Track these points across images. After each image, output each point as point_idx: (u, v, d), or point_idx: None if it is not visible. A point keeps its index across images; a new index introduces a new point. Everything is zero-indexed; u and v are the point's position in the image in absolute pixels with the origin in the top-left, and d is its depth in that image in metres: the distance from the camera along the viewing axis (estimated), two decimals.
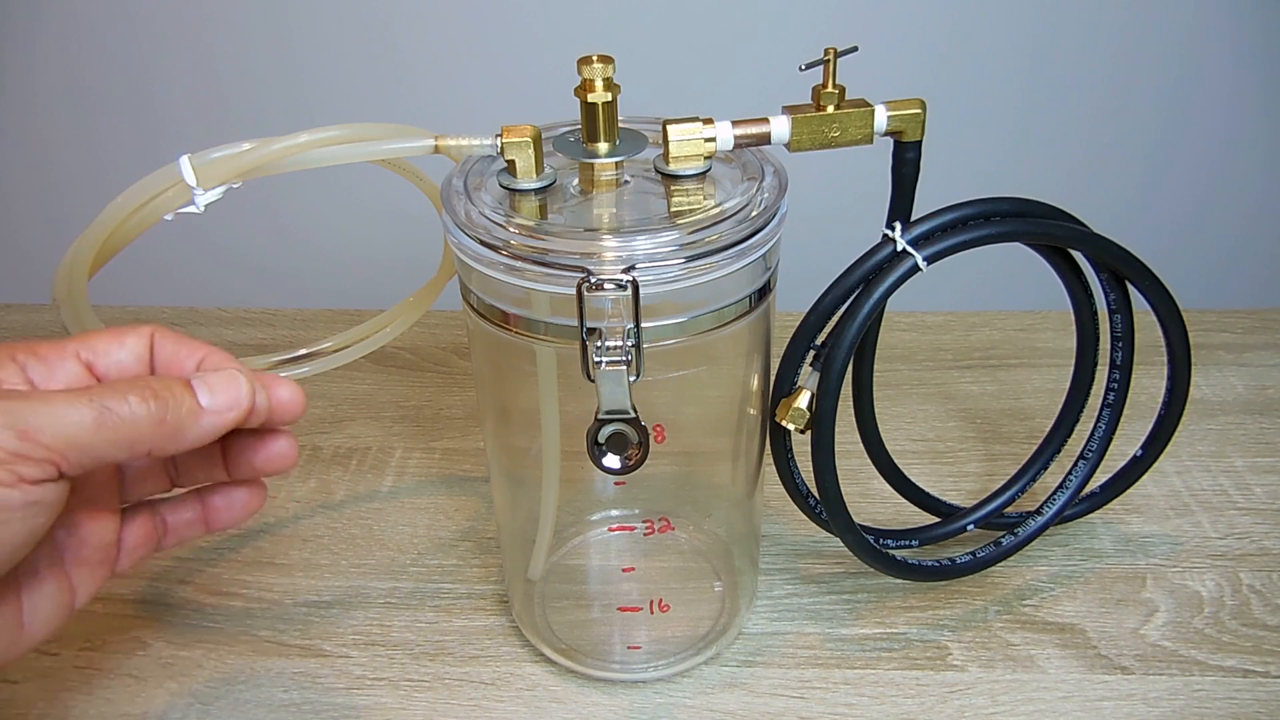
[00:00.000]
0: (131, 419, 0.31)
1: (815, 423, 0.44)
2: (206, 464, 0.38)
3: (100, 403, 0.30)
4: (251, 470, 0.38)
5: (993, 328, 0.75)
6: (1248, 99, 0.78)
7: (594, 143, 0.41)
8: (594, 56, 0.39)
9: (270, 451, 0.37)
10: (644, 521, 0.51)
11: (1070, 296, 0.48)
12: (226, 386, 0.34)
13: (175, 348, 0.36)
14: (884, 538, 0.51)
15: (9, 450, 0.29)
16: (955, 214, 0.42)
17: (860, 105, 0.40)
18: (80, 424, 0.30)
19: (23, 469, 0.29)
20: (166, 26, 0.77)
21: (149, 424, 0.31)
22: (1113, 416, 0.50)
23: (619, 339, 0.36)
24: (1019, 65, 0.77)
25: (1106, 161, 0.81)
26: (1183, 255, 0.79)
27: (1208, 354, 0.71)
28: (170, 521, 0.38)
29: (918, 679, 0.47)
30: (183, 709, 0.46)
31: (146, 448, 0.32)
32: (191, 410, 0.33)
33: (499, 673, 0.48)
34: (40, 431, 0.29)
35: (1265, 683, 0.46)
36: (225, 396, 0.34)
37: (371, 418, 0.66)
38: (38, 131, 0.82)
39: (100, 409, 0.30)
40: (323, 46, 0.77)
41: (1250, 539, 0.55)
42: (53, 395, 0.30)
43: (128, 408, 0.31)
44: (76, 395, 0.31)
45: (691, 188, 0.40)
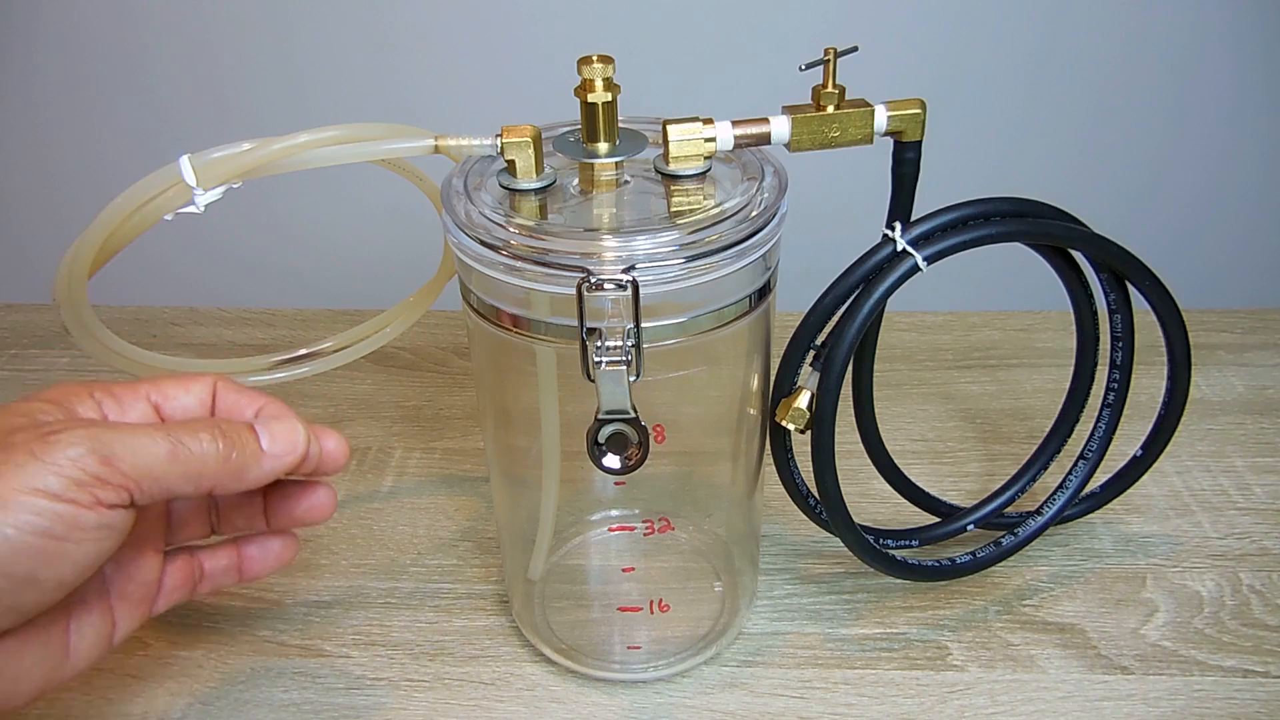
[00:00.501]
0: (202, 455, 0.34)
1: (815, 423, 0.44)
2: (248, 511, 0.41)
3: (175, 438, 0.33)
4: (290, 519, 0.40)
5: (993, 328, 0.75)
6: (1248, 99, 0.78)
7: (594, 143, 0.41)
8: (594, 56, 0.39)
9: (311, 501, 0.40)
10: (644, 521, 0.51)
11: (1070, 296, 0.48)
12: (286, 433, 0.37)
13: (236, 396, 0.39)
14: (884, 538, 0.51)
15: (91, 474, 0.31)
16: (955, 214, 0.42)
17: (860, 105, 0.40)
18: (157, 456, 0.32)
19: (101, 492, 0.31)
20: (166, 26, 0.77)
21: (216, 462, 0.34)
22: (1113, 416, 0.50)
23: (619, 339, 0.36)
24: (1019, 65, 0.77)
25: (1106, 161, 0.81)
26: (1183, 255, 0.79)
27: (1208, 354, 0.71)
28: (207, 568, 0.40)
29: (918, 679, 0.47)
30: (183, 709, 0.46)
31: (211, 484, 0.34)
32: (254, 453, 0.35)
33: (499, 673, 0.48)
34: (120, 459, 0.31)
35: (1265, 683, 0.46)
36: (284, 442, 0.36)
37: (371, 418, 0.66)
38: (38, 131, 0.82)
39: (175, 443, 0.33)
40: (323, 46, 0.77)
41: (1250, 539, 0.55)
42: (134, 427, 0.33)
43: (199, 444, 0.34)
44: (154, 429, 0.33)
45: (691, 188, 0.40)
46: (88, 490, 0.31)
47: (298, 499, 0.40)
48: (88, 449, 0.31)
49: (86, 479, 0.31)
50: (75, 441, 0.31)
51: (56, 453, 0.31)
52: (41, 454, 0.30)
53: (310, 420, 0.38)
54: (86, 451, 0.31)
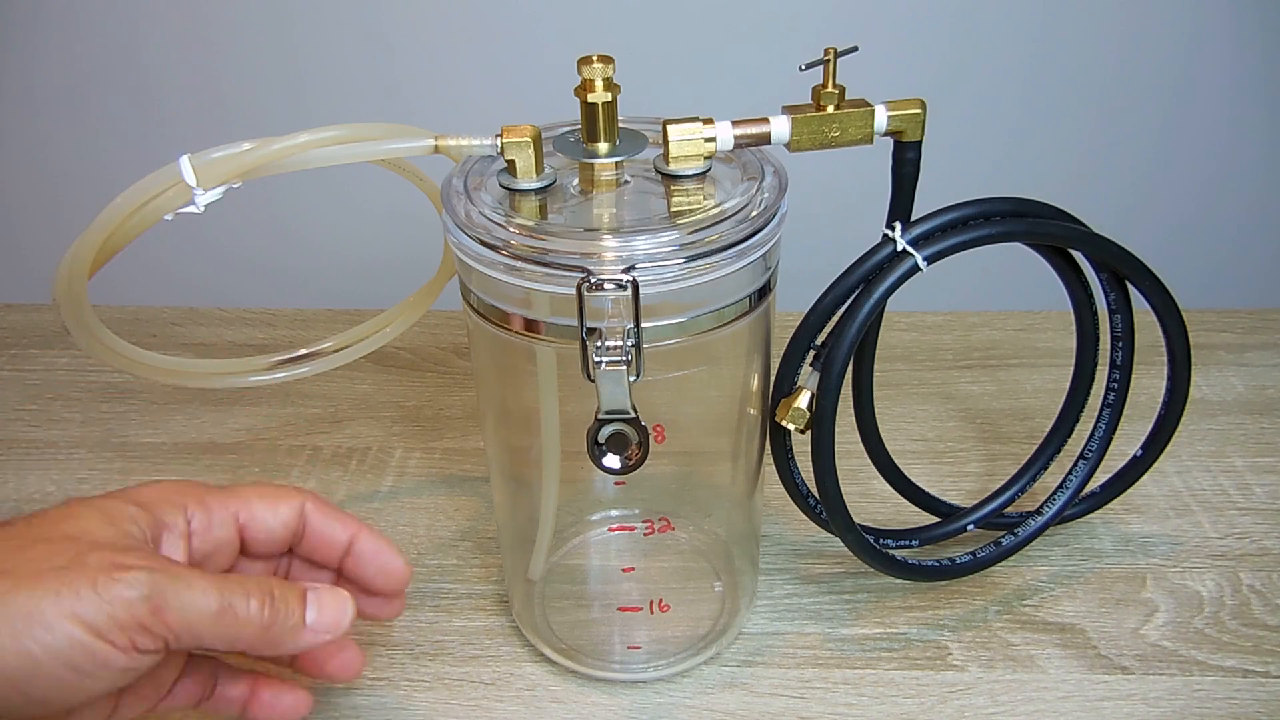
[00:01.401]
0: (245, 620, 0.34)
1: (815, 423, 0.44)
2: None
3: (227, 599, 0.33)
4: (317, 669, 0.40)
5: (993, 328, 0.75)
6: (1248, 99, 0.78)
7: (594, 143, 0.41)
8: (594, 56, 0.39)
9: (342, 659, 0.40)
10: (644, 521, 0.51)
11: (1070, 296, 0.48)
12: (334, 610, 0.36)
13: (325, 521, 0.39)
14: (884, 538, 0.51)
15: (138, 620, 0.31)
16: (955, 214, 0.42)
17: (860, 105, 0.40)
18: (204, 614, 0.33)
19: (139, 639, 0.31)
20: (167, 26, 0.77)
21: (256, 629, 0.34)
22: (1113, 416, 0.50)
23: (619, 339, 0.36)
24: (1019, 65, 0.77)
25: (1106, 161, 0.81)
26: (1183, 255, 0.79)
27: (1208, 354, 0.71)
28: (219, 691, 0.40)
29: (918, 679, 0.47)
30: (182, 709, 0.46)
31: (245, 647, 0.35)
32: (296, 627, 0.35)
33: (499, 673, 0.48)
34: (169, 611, 0.32)
35: (1265, 683, 0.46)
36: (329, 618, 0.36)
37: (371, 418, 0.66)
38: (38, 131, 0.82)
39: (225, 605, 0.33)
40: (323, 46, 0.77)
41: (1250, 539, 0.55)
42: (192, 578, 0.33)
43: (247, 609, 0.34)
44: (209, 584, 0.33)
45: (691, 188, 0.40)
46: (128, 635, 0.31)
47: (331, 653, 0.40)
48: (144, 594, 0.31)
49: (131, 624, 0.31)
50: (137, 584, 0.31)
51: (117, 593, 0.31)
52: (104, 590, 0.31)
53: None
54: (142, 598, 0.31)
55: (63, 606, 0.30)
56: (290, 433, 0.65)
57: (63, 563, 0.31)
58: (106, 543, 0.33)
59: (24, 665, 0.30)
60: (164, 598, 0.32)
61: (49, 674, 0.30)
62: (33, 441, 0.64)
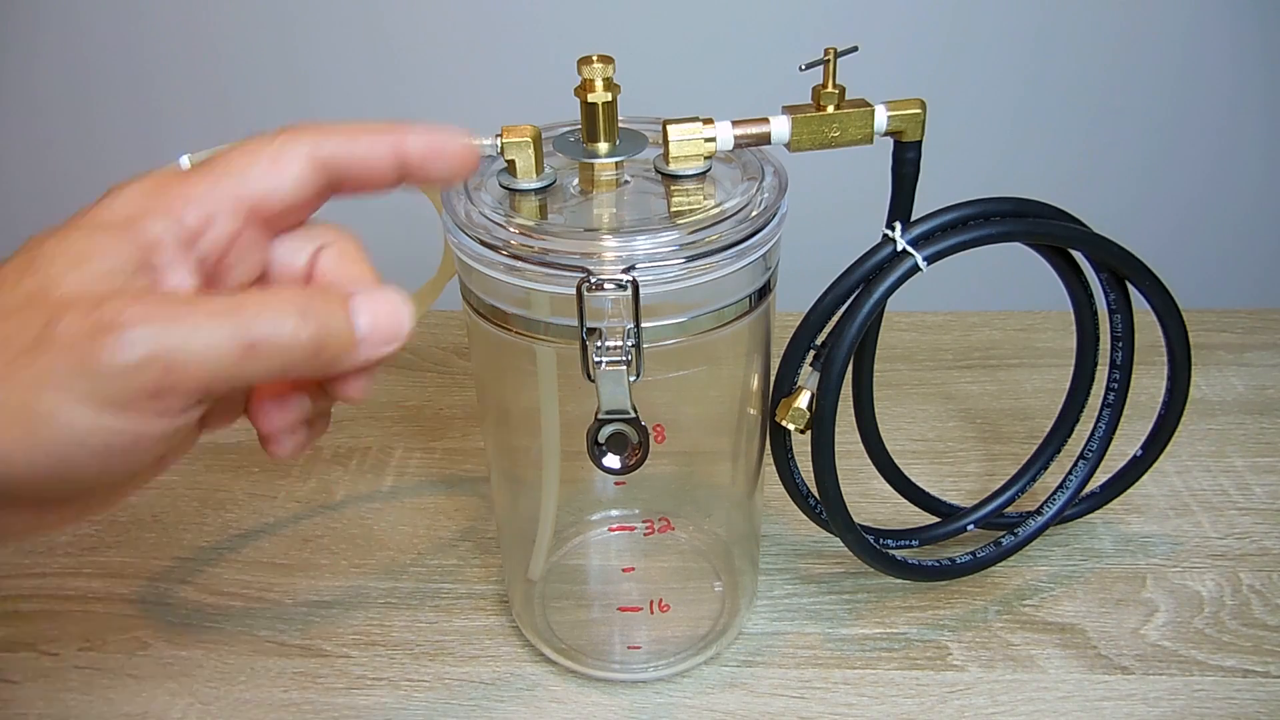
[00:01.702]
0: (281, 349, 0.27)
1: (815, 423, 0.44)
2: None
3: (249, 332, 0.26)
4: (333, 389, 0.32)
5: (993, 328, 0.75)
6: (1248, 99, 0.78)
7: (594, 143, 0.41)
8: (594, 56, 0.39)
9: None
10: (644, 521, 0.51)
11: (1070, 296, 0.48)
12: (389, 312, 0.30)
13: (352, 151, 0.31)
14: (884, 538, 0.51)
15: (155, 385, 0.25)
16: (955, 214, 0.42)
17: (860, 105, 0.40)
18: (228, 357, 0.26)
19: (167, 403, 0.26)
20: (167, 26, 0.77)
21: (300, 356, 0.27)
22: (1113, 416, 0.50)
23: (619, 339, 0.36)
24: (1019, 65, 0.77)
25: (1106, 161, 0.81)
26: (1183, 255, 0.79)
27: (1208, 354, 0.71)
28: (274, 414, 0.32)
29: (918, 679, 0.47)
30: (183, 709, 0.46)
31: (295, 375, 0.28)
32: (347, 342, 0.29)
33: (499, 673, 0.48)
34: (185, 366, 0.26)
35: (1265, 683, 0.46)
36: (386, 324, 0.29)
37: (371, 418, 0.66)
38: (38, 131, 0.82)
39: (248, 341, 0.26)
40: (323, 46, 0.77)
41: (1250, 539, 0.55)
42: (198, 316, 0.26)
43: (278, 336, 0.27)
44: (222, 318, 0.26)
45: (691, 188, 0.40)
46: (151, 402, 0.26)
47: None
48: (147, 355, 0.25)
49: (148, 391, 0.25)
50: (131, 346, 0.25)
51: (111, 363, 0.25)
52: (93, 363, 0.25)
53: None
54: (147, 360, 0.25)
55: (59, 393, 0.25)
56: None
57: (30, 341, 0.25)
58: (76, 296, 0.26)
59: (51, 460, 0.25)
60: (172, 354, 0.25)
61: (86, 461, 0.26)
62: None
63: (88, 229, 0.27)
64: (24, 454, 0.25)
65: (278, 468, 0.62)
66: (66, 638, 0.50)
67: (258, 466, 0.62)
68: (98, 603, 0.52)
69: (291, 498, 0.60)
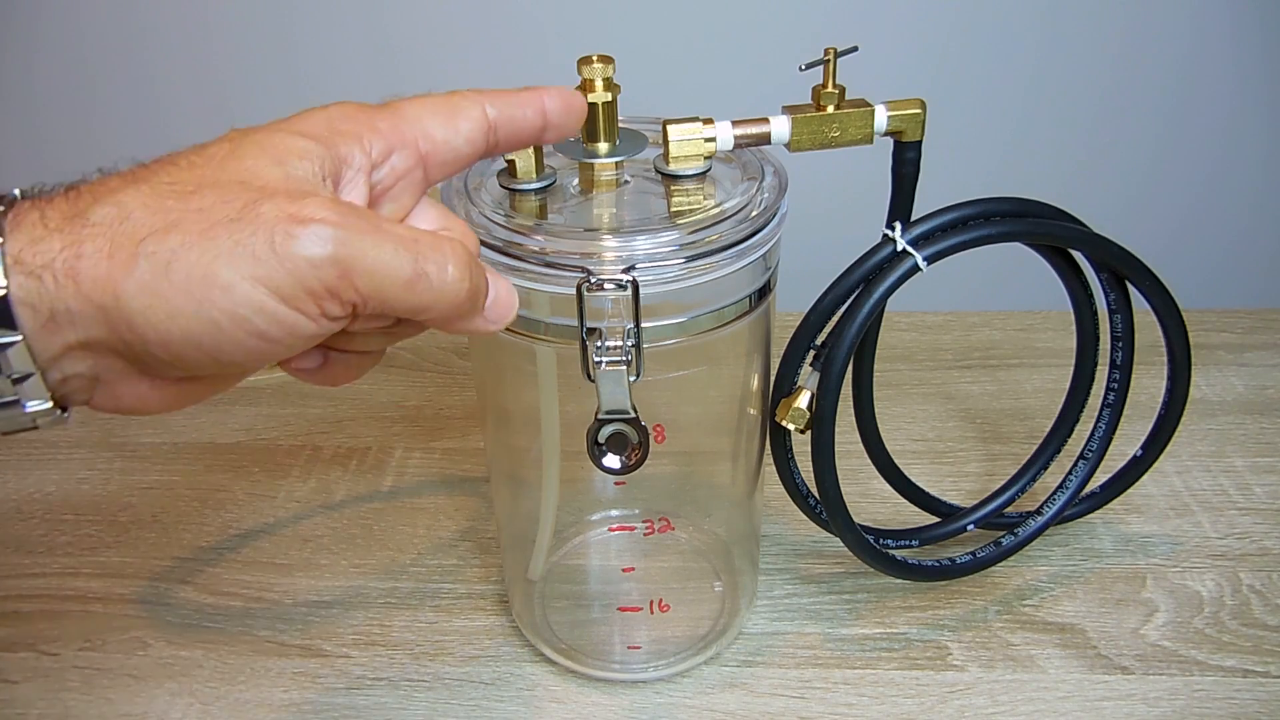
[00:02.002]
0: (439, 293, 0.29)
1: (815, 423, 0.44)
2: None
3: (422, 264, 0.28)
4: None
5: (993, 328, 0.75)
6: (1248, 99, 0.78)
7: (594, 143, 0.41)
8: (594, 56, 0.39)
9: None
10: (644, 521, 0.51)
11: (1070, 296, 0.48)
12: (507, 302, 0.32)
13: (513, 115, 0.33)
14: (884, 538, 0.51)
15: (326, 285, 0.27)
16: (955, 214, 0.42)
17: (860, 105, 0.40)
18: (396, 282, 0.28)
19: (329, 305, 0.28)
20: (167, 26, 0.77)
21: (449, 305, 0.30)
22: (1113, 416, 0.50)
23: (619, 339, 0.36)
24: (1019, 65, 0.77)
25: (1106, 161, 0.81)
26: (1183, 255, 0.79)
27: (1208, 354, 0.71)
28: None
29: (918, 679, 0.47)
30: (183, 709, 0.46)
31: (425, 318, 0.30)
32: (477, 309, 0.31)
33: (499, 673, 0.48)
34: (359, 276, 0.27)
35: (1265, 683, 0.46)
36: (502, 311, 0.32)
37: (371, 418, 0.66)
38: (38, 131, 0.82)
39: (419, 271, 0.28)
40: (323, 46, 0.77)
41: (1250, 539, 0.55)
42: (382, 235, 0.28)
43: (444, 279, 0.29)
44: (402, 243, 0.28)
45: (691, 188, 0.40)
46: (317, 302, 0.27)
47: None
48: (331, 254, 0.27)
49: (319, 289, 0.27)
50: (321, 241, 0.27)
51: (299, 252, 0.26)
52: (283, 248, 0.26)
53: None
54: (329, 259, 0.27)
55: (240, 267, 0.26)
56: (290, 433, 0.65)
57: (233, 213, 0.27)
58: (279, 187, 0.28)
59: (208, 331, 0.27)
60: (353, 259, 0.27)
61: (235, 340, 0.27)
62: (33, 441, 0.64)
63: (290, 133, 0.30)
64: (188, 319, 0.27)
65: (278, 468, 0.62)
66: (66, 638, 0.50)
67: (258, 466, 0.62)
68: (98, 603, 0.52)
69: (291, 498, 0.60)
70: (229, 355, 0.28)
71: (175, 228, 0.27)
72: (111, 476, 0.61)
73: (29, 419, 0.28)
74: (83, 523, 0.58)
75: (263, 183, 0.28)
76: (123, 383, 0.29)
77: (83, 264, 0.26)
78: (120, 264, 0.26)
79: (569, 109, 0.35)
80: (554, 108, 0.34)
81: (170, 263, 0.26)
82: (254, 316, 0.27)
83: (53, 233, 0.27)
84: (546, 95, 0.34)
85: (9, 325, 0.26)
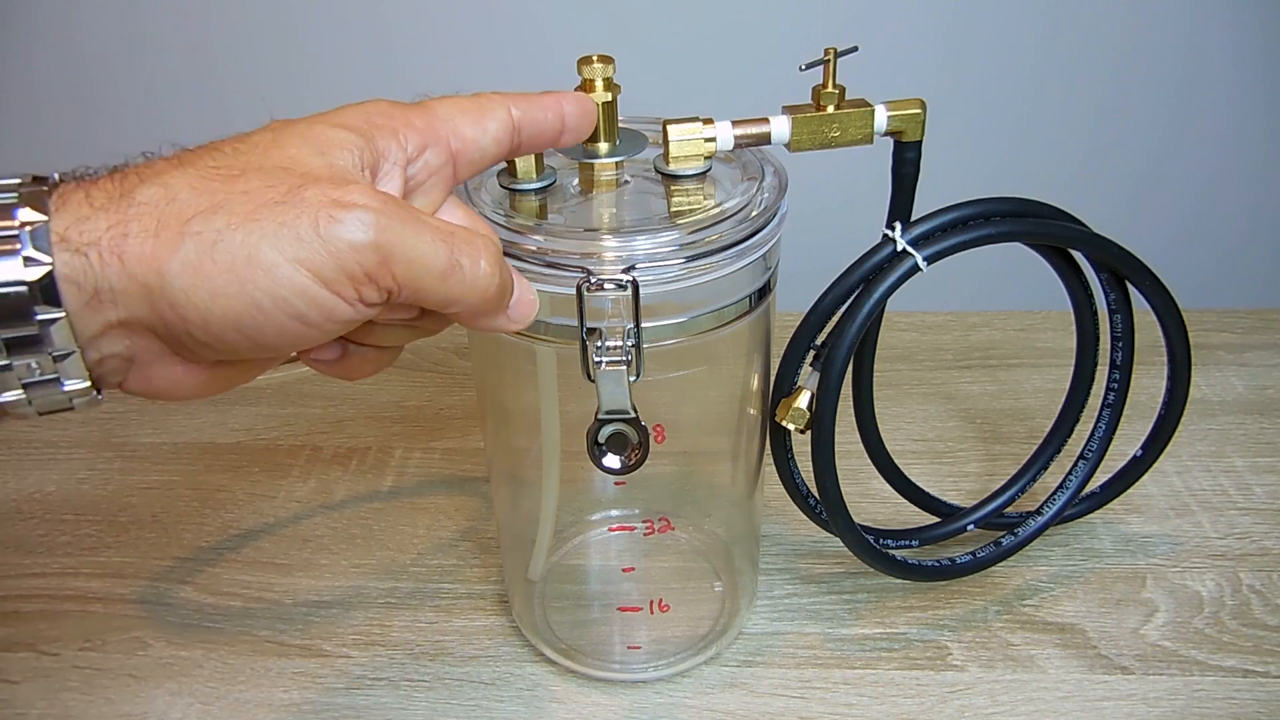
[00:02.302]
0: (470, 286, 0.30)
1: (815, 423, 0.44)
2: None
3: (457, 256, 0.29)
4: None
5: (993, 328, 0.75)
6: (1248, 99, 0.78)
7: (594, 143, 0.40)
8: (594, 56, 0.39)
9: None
10: (644, 521, 0.51)
11: (1070, 296, 0.48)
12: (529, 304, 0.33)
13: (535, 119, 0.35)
14: (884, 538, 0.51)
15: (365, 270, 0.28)
16: (955, 214, 0.42)
17: (860, 105, 0.40)
18: (431, 271, 0.29)
19: (366, 290, 0.28)
20: (168, 26, 0.77)
21: (478, 299, 0.30)
22: (1113, 416, 0.50)
23: (619, 339, 0.36)
24: (1019, 65, 0.77)
25: (1106, 161, 0.81)
26: (1183, 255, 0.79)
27: (1208, 354, 0.71)
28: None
29: (918, 679, 0.47)
30: (183, 709, 0.46)
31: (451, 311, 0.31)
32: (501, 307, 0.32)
33: (499, 673, 0.48)
34: (397, 263, 0.28)
35: (1265, 683, 0.46)
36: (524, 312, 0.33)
37: (371, 418, 0.66)
38: (38, 131, 0.82)
39: (454, 263, 0.29)
40: (324, 47, 0.77)
41: (1250, 539, 0.55)
42: (421, 225, 0.29)
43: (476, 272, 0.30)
44: (439, 235, 0.29)
45: (691, 188, 0.40)
46: (356, 286, 0.28)
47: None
48: (372, 240, 0.27)
49: (358, 274, 0.28)
50: (363, 227, 0.27)
51: (342, 236, 0.27)
52: (326, 231, 0.27)
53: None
54: (370, 245, 0.27)
55: (284, 249, 0.27)
56: (290, 433, 0.65)
57: (278, 196, 0.27)
58: (322, 174, 0.29)
59: (249, 312, 0.27)
60: (392, 248, 0.28)
61: (274, 323, 0.28)
62: (32, 441, 0.64)
63: (331, 125, 0.31)
64: (230, 299, 0.27)
65: (278, 468, 0.62)
66: (66, 638, 0.50)
67: (258, 466, 0.62)
68: (98, 603, 0.52)
69: (291, 498, 0.60)
70: (267, 338, 0.28)
71: (221, 209, 0.27)
72: (111, 476, 0.61)
73: (65, 398, 0.28)
74: (83, 523, 0.58)
75: (306, 169, 0.29)
76: (157, 364, 0.29)
77: (129, 243, 0.27)
78: (166, 243, 0.27)
79: (584, 114, 0.36)
80: (571, 112, 0.36)
81: (216, 243, 0.27)
82: (295, 299, 0.27)
83: (99, 211, 0.27)
84: (565, 100, 0.36)
85: (53, 302, 0.26)
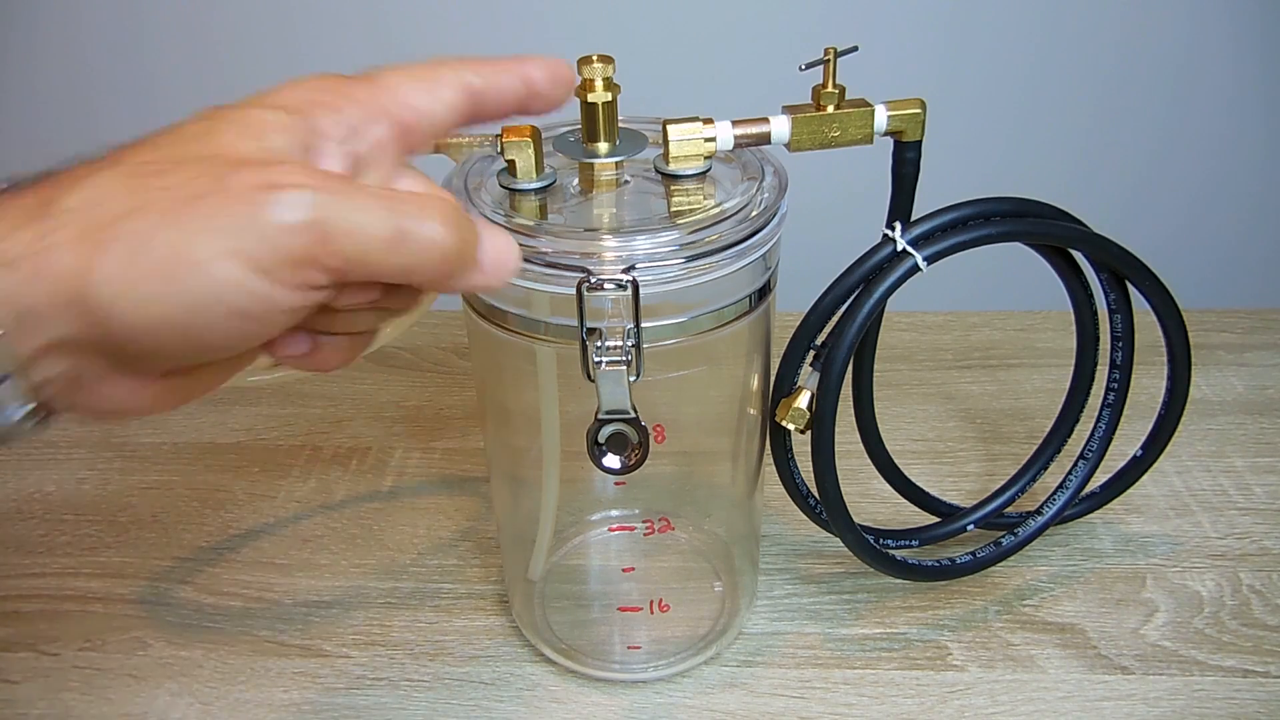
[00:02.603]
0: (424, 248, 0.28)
1: (815, 423, 0.44)
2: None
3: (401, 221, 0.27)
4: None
5: (993, 328, 0.75)
6: (1248, 99, 0.78)
7: (594, 143, 0.40)
8: (594, 56, 0.39)
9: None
10: (644, 521, 0.51)
11: (1070, 296, 0.48)
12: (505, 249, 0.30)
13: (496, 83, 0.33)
14: (884, 538, 0.51)
15: (305, 252, 0.26)
16: (955, 214, 0.42)
17: (860, 105, 0.40)
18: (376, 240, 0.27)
19: (309, 274, 0.27)
20: (168, 26, 0.77)
21: (436, 260, 0.28)
22: (1113, 416, 0.50)
23: (619, 339, 0.36)
24: (1019, 65, 0.77)
25: (1106, 161, 0.81)
26: (1183, 255, 0.79)
27: (1208, 354, 0.71)
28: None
29: (918, 679, 0.47)
30: (183, 709, 0.46)
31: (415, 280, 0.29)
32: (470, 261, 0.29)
33: (499, 673, 0.48)
34: (339, 240, 0.26)
35: (1265, 683, 0.46)
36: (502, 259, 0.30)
37: (371, 418, 0.66)
38: (38, 131, 0.82)
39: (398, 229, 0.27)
40: (323, 47, 0.77)
41: (1250, 539, 0.55)
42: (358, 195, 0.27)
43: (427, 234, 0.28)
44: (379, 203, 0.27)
45: (691, 188, 0.40)
46: (296, 271, 0.26)
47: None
48: (308, 219, 0.26)
49: (299, 256, 0.26)
50: (297, 206, 0.26)
51: (273, 219, 0.25)
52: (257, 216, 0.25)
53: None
54: (307, 224, 0.26)
55: (214, 242, 0.25)
56: (290, 433, 0.65)
57: (205, 187, 0.26)
58: (251, 158, 0.27)
59: (183, 315, 0.26)
60: (330, 222, 0.26)
61: (214, 323, 0.26)
62: (32, 441, 0.64)
63: (264, 108, 0.29)
64: (162, 303, 0.26)
65: (278, 468, 0.62)
66: (66, 638, 0.50)
67: (257, 466, 0.62)
68: (98, 603, 0.52)
69: (291, 498, 0.60)
70: (210, 339, 0.27)
71: (144, 209, 0.25)
72: (111, 476, 0.61)
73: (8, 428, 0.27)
74: (83, 523, 0.58)
75: (234, 155, 0.27)
76: (104, 383, 0.28)
77: (50, 257, 0.25)
78: (86, 254, 0.25)
79: (555, 79, 0.34)
80: (539, 77, 0.34)
81: (139, 246, 0.25)
82: (231, 294, 0.26)
83: (23, 224, 0.25)
84: (532, 64, 0.34)
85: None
